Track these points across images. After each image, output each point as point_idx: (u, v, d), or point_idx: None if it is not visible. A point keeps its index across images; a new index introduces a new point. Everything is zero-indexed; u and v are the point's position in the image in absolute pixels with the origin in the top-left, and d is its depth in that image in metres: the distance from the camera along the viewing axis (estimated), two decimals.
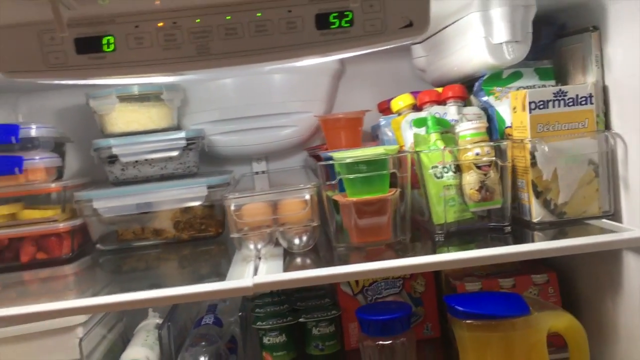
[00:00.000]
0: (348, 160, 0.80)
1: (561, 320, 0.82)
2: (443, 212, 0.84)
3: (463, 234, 0.83)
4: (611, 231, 0.77)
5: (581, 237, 0.75)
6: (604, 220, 0.81)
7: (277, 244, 0.87)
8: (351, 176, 0.80)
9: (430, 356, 1.03)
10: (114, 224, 0.99)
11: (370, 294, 1.07)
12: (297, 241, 0.84)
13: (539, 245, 0.76)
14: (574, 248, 0.74)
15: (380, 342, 0.83)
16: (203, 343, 0.94)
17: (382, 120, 1.03)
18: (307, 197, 0.82)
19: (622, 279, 0.84)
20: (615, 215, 0.82)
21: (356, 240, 0.83)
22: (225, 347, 0.99)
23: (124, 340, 1.09)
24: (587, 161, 0.81)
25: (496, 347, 0.80)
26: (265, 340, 1.03)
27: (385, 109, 1.11)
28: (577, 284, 0.97)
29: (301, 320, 1.03)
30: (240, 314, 1.04)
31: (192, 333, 1.00)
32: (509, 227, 0.83)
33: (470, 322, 0.81)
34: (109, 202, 0.96)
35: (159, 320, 1.08)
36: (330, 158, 0.84)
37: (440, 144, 0.85)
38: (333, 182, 0.82)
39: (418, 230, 0.89)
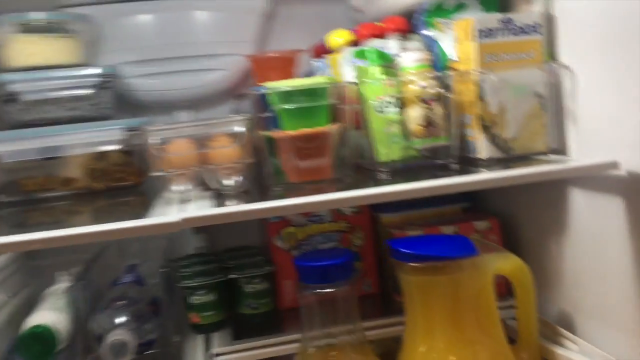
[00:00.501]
0: (284, 89, 0.72)
1: (507, 262, 0.78)
2: (387, 150, 0.78)
3: (408, 173, 0.78)
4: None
5: (527, 167, 0.71)
6: (552, 156, 0.78)
7: (206, 187, 0.78)
8: (289, 106, 0.72)
9: (369, 312, 0.98)
10: (15, 172, 0.87)
11: (306, 249, 1.00)
12: (228, 182, 0.76)
13: (484, 176, 0.71)
14: (520, 178, 0.70)
15: (320, 291, 0.76)
16: (121, 303, 0.84)
17: (317, 62, 0.96)
18: (238, 130, 0.73)
19: (567, 222, 0.81)
20: (562, 152, 0.79)
21: (294, 179, 0.75)
22: (147, 309, 0.90)
23: (31, 308, 0.97)
24: (534, 94, 0.77)
25: (443, 291, 0.75)
26: (192, 300, 0.94)
27: (319, 53, 1.04)
28: (519, 231, 0.95)
29: (232, 276, 0.95)
30: (163, 270, 0.94)
31: (109, 294, 0.89)
32: (456, 165, 0.78)
33: (415, 265, 0.75)
34: (7, 146, 0.83)
35: (69, 284, 0.96)
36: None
37: (383, 77, 0.78)
38: (267, 115, 0.74)
39: (361, 173, 0.83)
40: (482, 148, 0.77)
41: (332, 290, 0.76)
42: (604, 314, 0.76)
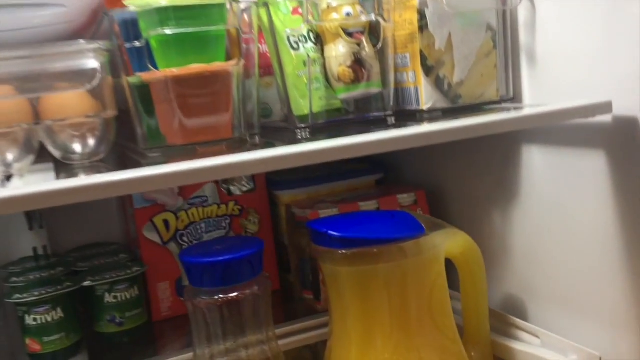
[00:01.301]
0: (161, 5, 0.49)
1: (456, 242, 0.62)
2: (304, 101, 0.58)
3: (333, 131, 0.58)
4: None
5: (476, 117, 0.54)
6: (504, 105, 0.63)
7: (43, 156, 0.53)
8: (168, 31, 0.49)
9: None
10: None
11: (187, 241, 0.77)
12: (76, 146, 0.51)
13: (429, 128, 0.54)
14: (469, 130, 0.52)
15: (222, 297, 0.54)
16: None
17: None
18: (91, 67, 0.49)
19: (519, 188, 0.67)
20: (516, 100, 0.64)
21: (177, 141, 0.52)
22: None
23: None
24: (486, 26, 0.61)
25: (384, 283, 0.57)
26: (29, 320, 0.67)
27: None
28: (449, 204, 0.79)
29: (86, 284, 0.69)
30: None
31: None
32: (392, 118, 0.60)
33: (348, 252, 0.57)
34: None
35: None
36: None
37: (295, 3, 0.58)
38: (135, 46, 0.50)
39: (271, 135, 0.62)
40: (425, 95, 0.60)
41: (239, 293, 0.55)
42: (567, 299, 0.63)
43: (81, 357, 0.69)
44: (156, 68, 0.51)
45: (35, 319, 0.67)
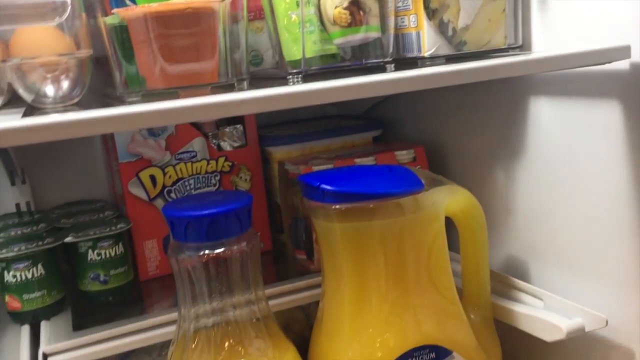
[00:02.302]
0: None
1: (458, 199, 0.59)
2: (296, 46, 0.53)
3: (327, 77, 0.54)
4: None
5: (481, 61, 0.49)
6: (512, 53, 0.59)
7: (11, 99, 0.49)
8: None
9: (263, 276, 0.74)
10: None
11: (175, 197, 0.74)
12: (48, 89, 0.47)
13: (429, 70, 0.49)
14: (473, 73, 0.48)
15: (208, 253, 0.51)
16: None
17: None
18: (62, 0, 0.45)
19: (524, 143, 0.63)
20: (524, 48, 0.60)
21: (160, 84, 0.48)
22: None
23: None
24: None
25: (380, 242, 0.54)
26: (9, 277, 0.64)
27: None
28: (451, 161, 0.76)
29: (68, 240, 0.66)
30: None
31: None
32: (392, 65, 0.55)
33: (343, 207, 0.53)
34: None
35: None
36: None
37: None
38: None
39: (261, 83, 0.58)
40: (427, 40, 0.56)
41: (225, 249, 0.51)
42: (573, 260, 0.60)
43: (64, 316, 0.66)
44: (135, 3, 0.47)
45: (14, 276, 0.64)
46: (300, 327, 0.75)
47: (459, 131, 0.74)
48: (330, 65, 0.55)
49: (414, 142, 0.76)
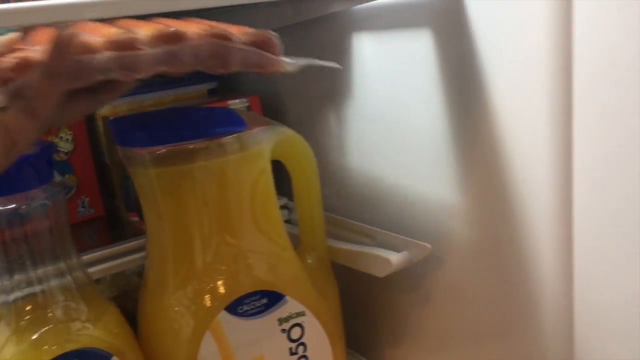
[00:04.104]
0: None
1: (285, 140, 0.57)
2: None
3: None
4: None
5: None
6: None
7: None
8: None
9: (90, 243, 0.68)
10: None
11: None
12: None
13: None
14: None
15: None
16: None
17: None
18: None
19: (352, 80, 0.62)
20: None
21: None
22: None
23: None
24: None
25: (202, 186, 0.51)
26: None
27: None
28: (288, 109, 0.74)
29: None
30: None
31: None
32: None
33: (156, 151, 0.49)
34: None
35: None
36: None
37: None
38: None
39: None
40: None
41: (19, 204, 0.45)
42: (400, 196, 0.61)
43: None
44: None
45: None
46: (138, 293, 0.70)
47: (293, 78, 0.72)
48: None
49: (249, 92, 0.73)
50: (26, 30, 0.37)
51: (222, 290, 0.51)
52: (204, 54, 0.34)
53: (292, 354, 0.54)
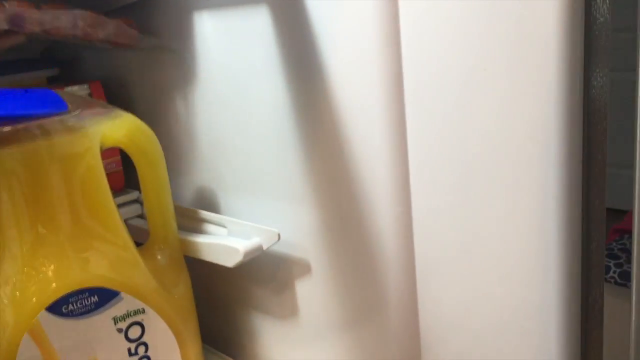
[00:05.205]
0: None
1: (122, 124, 0.52)
2: None
3: None
4: None
5: None
6: None
7: None
8: None
9: None
10: None
11: None
12: None
13: None
14: None
15: None
16: None
17: None
18: None
19: (197, 63, 0.59)
20: None
21: None
22: None
23: None
24: None
25: (18, 173, 0.45)
26: None
27: None
28: (135, 97, 0.69)
29: None
30: None
31: None
32: None
33: None
34: None
35: None
36: None
37: None
38: None
39: None
40: None
41: None
42: (250, 184, 0.58)
43: None
44: None
45: None
46: None
47: (139, 64, 0.67)
48: None
49: (92, 80, 0.68)
50: None
51: (41, 289, 0.46)
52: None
53: (131, 354, 0.50)
